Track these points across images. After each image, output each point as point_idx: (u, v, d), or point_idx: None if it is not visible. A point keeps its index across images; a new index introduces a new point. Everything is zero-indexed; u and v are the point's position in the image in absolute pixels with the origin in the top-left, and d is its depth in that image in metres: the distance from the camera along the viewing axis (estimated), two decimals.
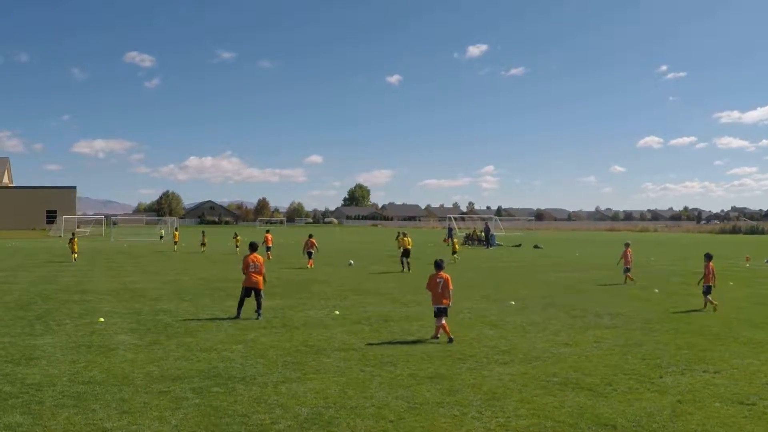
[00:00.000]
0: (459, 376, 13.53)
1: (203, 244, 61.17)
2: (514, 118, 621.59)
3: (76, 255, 48.36)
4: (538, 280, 33.98)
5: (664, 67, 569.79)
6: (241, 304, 21.18)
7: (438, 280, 18.18)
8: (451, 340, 17.29)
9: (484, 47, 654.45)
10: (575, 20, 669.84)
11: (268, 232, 53.22)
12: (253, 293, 21.14)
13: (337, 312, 22.18)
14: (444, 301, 17.82)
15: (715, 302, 23.29)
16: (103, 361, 14.80)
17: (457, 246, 50.13)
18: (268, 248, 50.30)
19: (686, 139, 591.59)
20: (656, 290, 28.18)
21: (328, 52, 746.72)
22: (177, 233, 67.25)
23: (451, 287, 18.21)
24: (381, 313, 22.00)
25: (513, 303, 24.52)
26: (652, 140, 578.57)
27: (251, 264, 21.29)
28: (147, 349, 16.05)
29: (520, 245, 73.83)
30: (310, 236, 45.78)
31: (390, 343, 17.04)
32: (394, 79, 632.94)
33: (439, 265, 18.66)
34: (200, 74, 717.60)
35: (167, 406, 11.31)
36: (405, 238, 42.14)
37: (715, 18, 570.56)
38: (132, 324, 19.82)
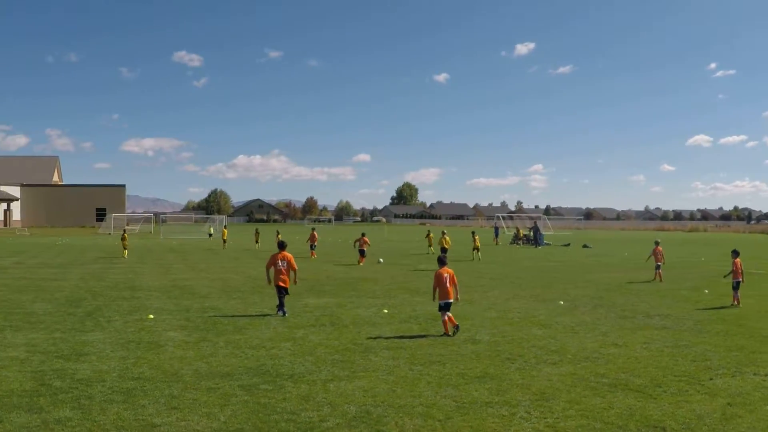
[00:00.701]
0: (507, 375, 13.49)
1: (257, 242, 61.81)
2: (563, 116, 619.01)
3: (126, 251, 48.96)
4: (588, 279, 33.77)
5: (713, 65, 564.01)
6: (281, 302, 21.33)
7: (445, 275, 18.50)
8: (457, 327, 18.20)
9: (531, 45, 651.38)
10: (623, 18, 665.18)
11: (314, 229, 53.64)
12: (285, 291, 21.35)
13: (386, 310, 22.21)
14: (450, 296, 18.32)
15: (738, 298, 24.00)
16: (153, 357, 14.93)
17: (477, 243, 50.62)
18: (313, 246, 50.57)
19: (736, 138, 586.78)
20: (706, 291, 27.91)
21: (376, 51, 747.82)
22: (226, 231, 67.75)
23: (456, 282, 18.69)
24: (430, 312, 21.96)
25: (562, 303, 24.41)
26: (701, 139, 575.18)
27: (279, 262, 21.40)
28: (196, 346, 16.17)
29: (568, 245, 73.40)
30: (363, 234, 47.03)
31: (439, 341, 17.02)
32: (442, 77, 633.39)
33: (442, 261, 19.15)
34: (248, 73, 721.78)
35: (216, 402, 11.39)
36: (445, 237, 43.90)
37: (765, 15, 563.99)
38: (181, 321, 19.98)
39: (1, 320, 19.76)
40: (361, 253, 45.10)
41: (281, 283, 21.26)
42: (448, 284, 18.37)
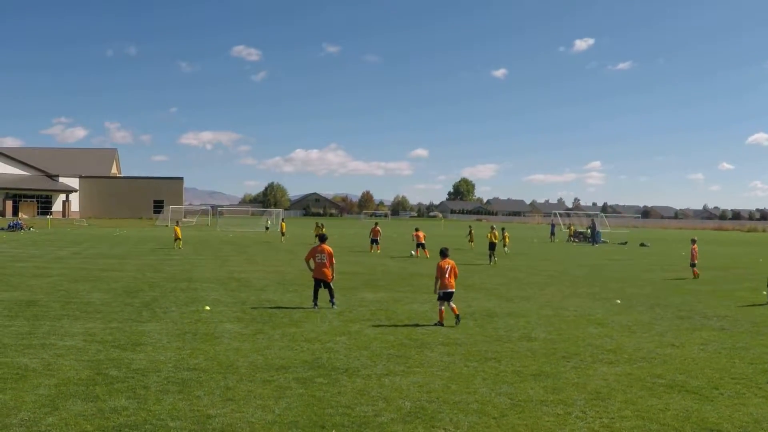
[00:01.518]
0: (563, 374, 13.44)
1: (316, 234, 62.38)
2: (621, 113, 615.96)
3: (180, 242, 49.51)
4: (644, 278, 33.53)
5: None
6: (315, 294, 21.50)
7: (446, 266, 19.42)
8: (458, 318, 18.99)
9: (591, 41, 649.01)
10: (683, 15, 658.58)
11: (377, 224, 54.28)
12: (322, 284, 21.40)
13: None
14: (451, 286, 19.30)
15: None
16: (208, 348, 15.04)
17: (497, 239, 49.12)
18: (374, 241, 51.21)
19: None
20: (765, 292, 27.56)
21: (434, 46, 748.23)
22: (284, 224, 68.05)
23: (457, 272, 19.71)
24: (485, 308, 21.96)
25: (619, 302, 24.26)
26: (761, 137, 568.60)
27: (317, 255, 21.44)
28: (252, 338, 16.27)
29: (626, 243, 72.95)
30: (417, 229, 48.99)
31: (494, 338, 16.98)
32: (500, 73, 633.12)
33: (444, 253, 20.03)
34: (306, 68, 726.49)
35: (271, 395, 11.46)
36: (493, 232, 44.05)
37: None
38: (237, 313, 20.11)
39: (59, 309, 20.02)
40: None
41: (319, 276, 21.36)
42: (448, 275, 19.31)
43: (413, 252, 47.96)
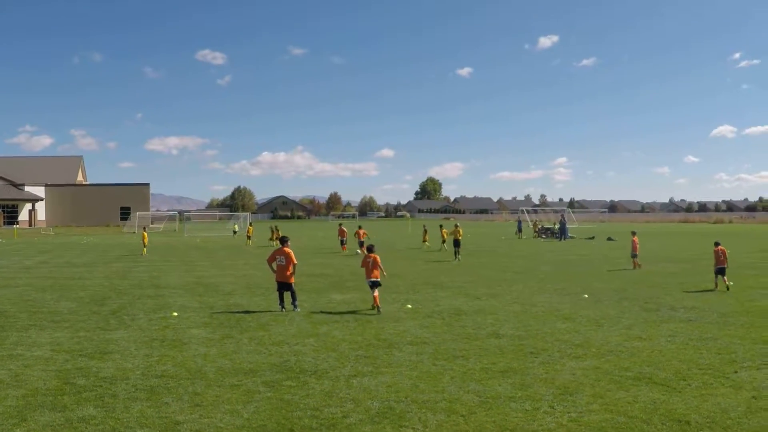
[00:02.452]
0: (531, 370, 13.47)
1: (271, 238, 62.59)
2: (587, 109, 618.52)
3: (145, 249, 49.65)
4: (612, 273, 33.69)
5: (737, 55, 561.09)
6: (281, 297, 21.58)
7: (368, 260, 21.94)
8: (378, 311, 20.92)
9: (555, 38, 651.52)
10: (647, 10, 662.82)
11: (341, 225, 55.41)
12: (284, 287, 21.52)
13: (410, 305, 22.22)
14: (374, 274, 21.70)
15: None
16: (176, 354, 14.99)
17: (445, 235, 52.21)
18: (342, 241, 52.31)
19: (761, 128, 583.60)
20: (731, 283, 27.75)
21: (399, 46, 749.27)
22: (251, 228, 68.06)
23: (380, 264, 21.97)
24: (453, 307, 21.98)
25: (586, 296, 24.35)
26: (725, 129, 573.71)
27: (278, 257, 21.55)
28: (219, 343, 16.22)
29: (593, 238, 73.21)
30: (359, 227, 53.04)
31: (462, 336, 17.00)
32: (465, 71, 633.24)
33: (370, 249, 22.44)
34: (272, 70, 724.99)
35: (239, 399, 11.43)
36: (458, 229, 45.76)
37: None
38: (205, 318, 20.04)
39: (26, 319, 19.88)
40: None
41: (280, 278, 21.44)
42: (372, 267, 21.73)
43: (358, 250, 48.91)
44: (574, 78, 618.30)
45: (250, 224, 71.93)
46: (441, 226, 56.66)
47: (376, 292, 21.49)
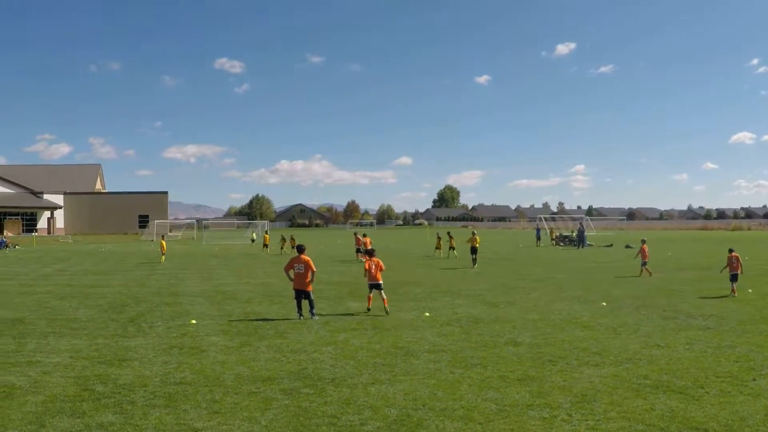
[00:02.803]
0: (549, 378, 13.47)
1: (282, 247, 63.03)
2: (604, 116, 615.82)
3: (163, 257, 49.88)
4: (630, 281, 33.59)
5: (755, 61, 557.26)
6: (299, 305, 21.57)
7: (371, 263, 23.24)
8: (368, 310, 22.34)
9: (572, 45, 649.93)
10: (664, 16, 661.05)
11: (356, 233, 55.70)
12: (303, 295, 21.51)
13: (428, 314, 22.21)
14: (377, 279, 22.90)
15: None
16: (195, 362, 15.04)
17: (454, 243, 54.58)
18: (358, 250, 52.23)
19: None
20: (750, 290, 27.67)
21: (417, 54, 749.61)
22: (267, 236, 68.17)
23: (382, 267, 23.15)
24: (471, 315, 21.98)
25: (604, 304, 24.30)
26: (744, 136, 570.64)
27: (296, 265, 21.58)
28: (238, 351, 16.26)
29: (611, 245, 73.00)
30: (364, 235, 52.78)
31: (480, 344, 17.00)
32: (483, 79, 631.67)
33: (371, 253, 24.05)
34: (290, 78, 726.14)
35: (257, 406, 11.46)
36: (475, 237, 45.97)
37: None
38: (223, 326, 20.10)
39: (45, 326, 19.98)
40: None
41: (299, 286, 21.42)
42: (374, 270, 22.83)
43: (361, 258, 49.00)
44: (591, 85, 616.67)
45: (266, 232, 71.88)
46: (449, 233, 57.19)
47: (384, 294, 22.70)
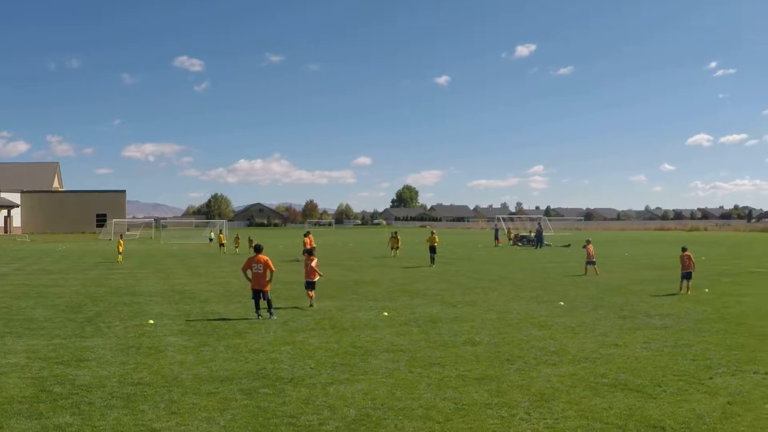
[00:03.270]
0: (507, 377, 13.51)
1: (237, 247, 63.67)
2: (563, 117, 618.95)
3: (120, 256, 49.77)
4: (588, 280, 33.79)
5: (713, 64, 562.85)
6: (257, 305, 21.52)
7: (307, 262, 24.60)
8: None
9: (532, 47, 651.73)
10: (623, 19, 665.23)
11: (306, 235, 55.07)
12: (261, 294, 21.45)
13: (386, 313, 22.22)
14: (312, 276, 24.15)
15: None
16: (153, 362, 14.95)
17: (399, 243, 55.67)
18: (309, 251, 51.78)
19: (736, 137, 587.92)
20: (706, 290, 27.93)
21: (377, 54, 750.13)
22: (222, 235, 68.14)
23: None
24: (429, 314, 22.01)
25: (562, 304, 24.42)
26: (701, 138, 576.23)
27: (254, 265, 21.58)
28: (196, 351, 16.19)
29: (569, 245, 73.38)
30: (306, 234, 50.23)
31: (439, 344, 17.02)
32: (443, 80, 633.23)
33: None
34: (249, 78, 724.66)
35: (216, 407, 11.41)
36: (434, 236, 46.79)
37: (766, 14, 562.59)
38: (181, 326, 20.00)
39: (1, 327, 19.78)
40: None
41: (257, 286, 21.39)
42: (309, 269, 24.30)
43: (299, 258, 48.71)
44: (550, 86, 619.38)
45: (221, 232, 71.79)
46: (395, 233, 58.24)
47: (312, 292, 24.36)
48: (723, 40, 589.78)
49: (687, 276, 27.49)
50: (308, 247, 48.19)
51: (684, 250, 28.33)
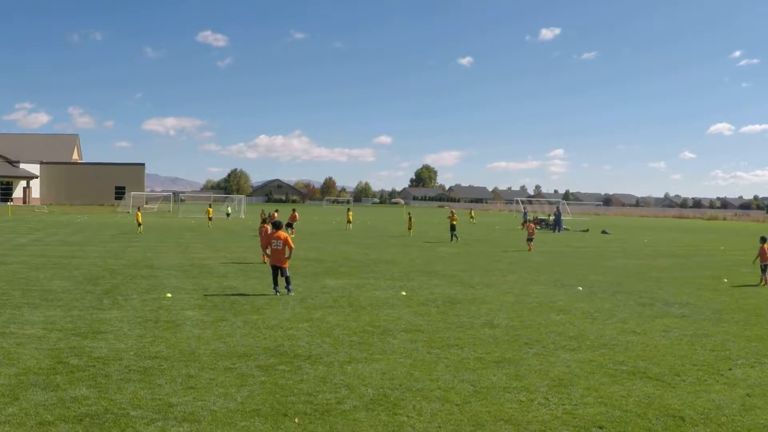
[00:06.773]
0: (526, 361, 13.46)
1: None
2: (585, 102, 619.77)
3: (141, 227, 50.12)
4: (606, 266, 33.69)
5: (737, 53, 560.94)
6: (275, 281, 21.62)
7: (274, 241, 21.71)
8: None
9: (557, 30, 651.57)
10: (649, 6, 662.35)
11: (294, 210, 55.93)
12: (279, 271, 21.51)
13: (404, 293, 22.19)
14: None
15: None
16: (170, 336, 14.94)
17: (456, 221, 53.93)
18: (289, 225, 52.04)
19: (758, 127, 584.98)
20: (725, 280, 27.80)
21: (401, 34, 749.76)
22: (210, 209, 68.18)
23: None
24: (448, 295, 21.98)
25: (581, 289, 24.35)
26: (723, 127, 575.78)
27: (274, 241, 21.59)
28: (213, 326, 16.18)
29: (587, 230, 73.29)
30: (293, 210, 54.55)
31: (456, 325, 16.98)
32: (466, 61, 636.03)
33: (277, 225, 22.12)
34: (273, 54, 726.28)
35: (233, 382, 11.39)
36: (453, 215, 50.61)
37: None
38: (199, 300, 20.01)
39: (18, 297, 19.81)
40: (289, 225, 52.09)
41: (276, 262, 21.47)
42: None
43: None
44: (574, 71, 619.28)
45: (209, 206, 71.87)
46: (409, 213, 61.14)
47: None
48: (747, 29, 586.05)
49: (765, 268, 27.34)
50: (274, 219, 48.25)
51: (763, 241, 27.70)
